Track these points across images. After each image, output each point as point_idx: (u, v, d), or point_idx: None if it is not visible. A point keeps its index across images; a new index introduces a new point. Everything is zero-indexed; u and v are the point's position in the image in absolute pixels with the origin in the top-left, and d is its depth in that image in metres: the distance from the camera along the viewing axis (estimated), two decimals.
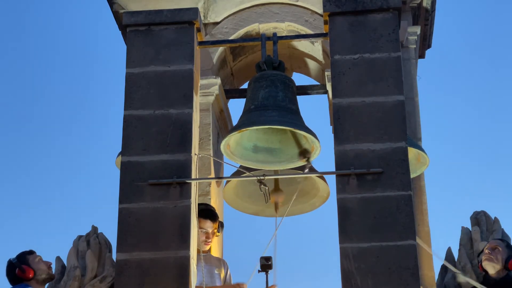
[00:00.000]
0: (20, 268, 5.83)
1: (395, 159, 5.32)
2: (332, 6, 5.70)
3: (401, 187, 5.25)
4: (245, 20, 7.26)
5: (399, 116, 5.42)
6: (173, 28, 5.76)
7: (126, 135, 5.54)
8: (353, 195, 5.26)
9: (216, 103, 7.09)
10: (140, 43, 5.75)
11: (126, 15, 5.84)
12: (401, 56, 5.61)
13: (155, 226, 5.30)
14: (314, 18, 7.13)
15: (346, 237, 5.17)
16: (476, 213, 6.65)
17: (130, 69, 5.69)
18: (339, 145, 5.39)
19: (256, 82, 5.73)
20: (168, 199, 5.34)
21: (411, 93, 6.95)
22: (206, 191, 6.71)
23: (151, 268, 5.20)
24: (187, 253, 5.21)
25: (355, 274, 5.08)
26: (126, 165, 5.46)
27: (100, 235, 6.69)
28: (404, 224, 5.17)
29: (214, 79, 6.99)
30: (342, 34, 5.65)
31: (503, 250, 5.95)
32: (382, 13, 5.67)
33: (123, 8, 7.23)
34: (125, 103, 5.62)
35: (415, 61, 7.25)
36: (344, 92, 5.53)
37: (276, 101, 5.60)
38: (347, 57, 5.61)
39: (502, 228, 6.50)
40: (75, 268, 6.44)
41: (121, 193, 5.40)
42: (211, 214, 6.26)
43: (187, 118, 5.54)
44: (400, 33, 5.77)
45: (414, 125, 6.87)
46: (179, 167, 5.41)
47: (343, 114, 5.46)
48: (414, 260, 5.09)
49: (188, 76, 5.65)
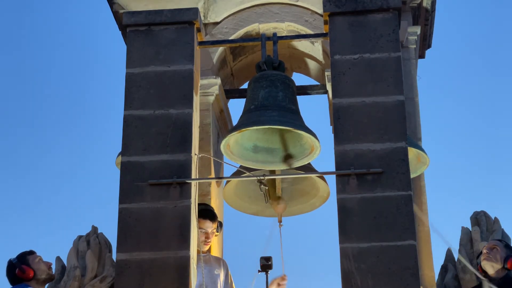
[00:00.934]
0: (20, 268, 5.83)
1: (395, 159, 5.32)
2: (332, 6, 5.70)
3: (401, 187, 5.25)
4: (245, 20, 7.26)
5: (399, 116, 5.42)
6: (173, 28, 5.76)
7: (126, 135, 5.54)
8: (353, 195, 5.25)
9: (216, 103, 7.08)
10: (140, 43, 5.75)
11: (126, 15, 5.84)
12: (401, 56, 5.60)
13: (155, 226, 5.29)
14: (314, 18, 7.13)
15: (346, 237, 5.17)
16: (476, 213, 6.66)
17: (130, 69, 5.69)
18: (339, 145, 5.38)
19: (256, 82, 5.72)
20: (168, 199, 5.34)
21: (411, 93, 6.94)
22: (206, 191, 6.71)
23: (151, 268, 5.20)
24: (187, 253, 5.21)
25: (355, 274, 5.08)
26: (126, 165, 5.46)
27: (100, 235, 6.70)
28: (404, 224, 5.16)
29: (214, 79, 6.98)
30: (342, 34, 5.65)
31: (501, 249, 5.96)
32: (382, 13, 5.67)
33: (123, 8, 7.23)
34: (125, 103, 5.62)
35: (415, 61, 7.25)
36: (344, 92, 5.52)
37: (276, 101, 5.60)
38: (347, 57, 5.61)
39: (502, 228, 6.50)
40: (75, 268, 6.45)
41: (121, 193, 5.39)
42: (210, 214, 6.25)
43: (187, 118, 5.54)
44: (400, 33, 5.77)
45: (414, 125, 6.86)
46: (179, 167, 5.41)
47: (343, 114, 5.46)
48: (414, 260, 5.09)
49: (188, 76, 5.65)
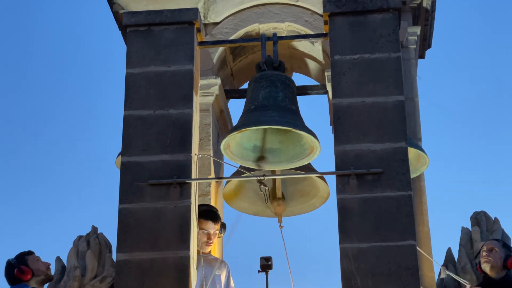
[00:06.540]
0: (18, 268, 5.82)
1: (395, 159, 5.32)
2: (332, 6, 5.70)
3: (401, 187, 5.25)
4: (245, 20, 7.26)
5: (399, 116, 5.42)
6: (173, 28, 5.76)
7: (126, 135, 5.55)
8: (353, 195, 5.26)
9: (216, 103, 7.08)
10: (140, 43, 5.75)
11: (126, 15, 5.85)
12: (401, 56, 5.61)
13: (155, 226, 5.29)
14: (314, 18, 7.13)
15: (346, 237, 5.17)
16: (476, 213, 6.66)
17: (130, 69, 5.70)
18: (339, 145, 5.39)
19: (256, 82, 5.73)
20: (168, 199, 5.34)
21: (411, 93, 6.94)
22: (206, 191, 6.71)
23: (151, 268, 5.20)
24: (187, 253, 5.21)
25: (355, 274, 5.08)
26: (126, 165, 5.46)
27: (100, 235, 6.69)
28: (404, 224, 5.16)
29: (214, 79, 6.98)
30: (342, 34, 5.65)
31: (500, 250, 5.96)
32: (382, 14, 5.67)
33: (123, 8, 7.23)
34: (125, 103, 5.62)
35: (415, 61, 7.25)
36: (344, 92, 5.53)
37: (276, 101, 5.60)
38: (347, 57, 5.61)
39: (502, 228, 6.50)
40: (75, 268, 6.45)
41: (121, 193, 5.40)
42: (213, 215, 6.22)
43: (187, 118, 5.54)
44: (400, 33, 5.77)
45: (414, 125, 6.86)
46: (179, 167, 5.41)
47: (343, 114, 5.46)
48: (414, 260, 5.09)
49: (188, 76, 5.65)
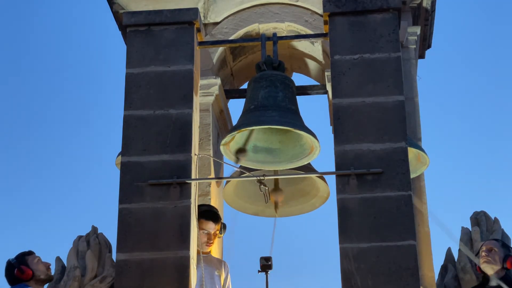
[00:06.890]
0: (18, 268, 5.83)
1: (395, 159, 5.32)
2: (332, 6, 5.70)
3: (401, 187, 5.25)
4: (245, 20, 7.26)
5: (399, 116, 5.42)
6: (173, 28, 5.76)
7: (126, 135, 5.54)
8: (353, 195, 5.25)
9: (216, 103, 7.08)
10: (140, 43, 5.75)
11: (126, 15, 5.84)
12: (401, 56, 5.60)
13: (155, 226, 5.29)
14: (314, 18, 7.13)
15: (346, 237, 5.17)
16: (476, 213, 6.65)
17: (130, 69, 5.69)
18: (339, 145, 5.38)
19: (256, 82, 5.72)
20: (168, 199, 5.34)
21: (411, 93, 6.94)
22: (206, 191, 6.71)
23: (151, 268, 5.20)
24: (187, 253, 5.21)
25: (355, 274, 5.08)
26: (126, 165, 5.46)
27: (100, 235, 6.69)
28: (404, 224, 5.16)
29: (214, 79, 6.98)
30: (342, 34, 5.65)
31: (499, 250, 5.96)
32: (382, 13, 5.67)
33: (123, 8, 7.23)
34: (125, 103, 5.62)
35: (415, 61, 7.25)
36: (344, 92, 5.53)
37: (276, 101, 5.60)
38: (347, 57, 5.61)
39: (502, 229, 6.50)
40: (75, 268, 6.45)
41: (121, 193, 5.40)
42: (213, 216, 6.22)
43: (187, 118, 5.54)
44: (400, 33, 5.76)
45: (414, 125, 6.86)
46: (179, 167, 5.41)
47: (343, 114, 5.46)
48: (414, 260, 5.09)
49: (188, 76, 5.65)
